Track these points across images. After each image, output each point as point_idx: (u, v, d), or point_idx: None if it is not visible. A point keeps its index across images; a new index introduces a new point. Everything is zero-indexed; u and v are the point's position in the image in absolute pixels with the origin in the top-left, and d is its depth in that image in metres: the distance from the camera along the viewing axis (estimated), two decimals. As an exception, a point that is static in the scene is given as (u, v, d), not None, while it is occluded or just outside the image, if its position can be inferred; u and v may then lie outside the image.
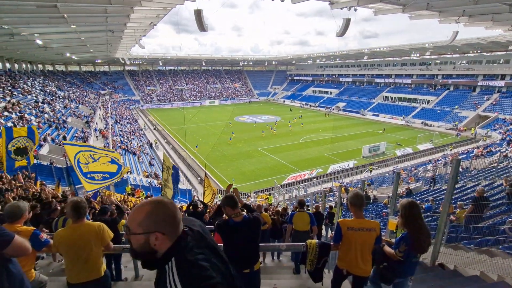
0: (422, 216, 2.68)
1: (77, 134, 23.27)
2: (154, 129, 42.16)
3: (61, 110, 28.03)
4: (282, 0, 17.17)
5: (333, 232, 5.64)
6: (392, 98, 56.39)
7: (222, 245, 2.70)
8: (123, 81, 70.63)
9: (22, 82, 30.25)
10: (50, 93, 32.73)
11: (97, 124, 30.71)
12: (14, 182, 8.14)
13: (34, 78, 36.31)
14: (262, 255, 5.68)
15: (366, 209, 12.07)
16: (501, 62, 44.32)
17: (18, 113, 20.10)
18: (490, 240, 4.70)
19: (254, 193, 20.00)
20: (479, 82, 45.43)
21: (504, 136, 30.09)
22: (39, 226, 4.21)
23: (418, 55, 54.87)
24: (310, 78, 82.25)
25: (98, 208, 6.42)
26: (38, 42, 23.64)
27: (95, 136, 26.09)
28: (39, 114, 22.77)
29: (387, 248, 2.79)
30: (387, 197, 12.50)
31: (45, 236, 2.51)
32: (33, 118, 20.94)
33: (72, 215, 2.45)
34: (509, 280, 3.35)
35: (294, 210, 5.52)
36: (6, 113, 19.10)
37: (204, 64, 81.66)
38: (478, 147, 26.51)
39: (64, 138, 20.48)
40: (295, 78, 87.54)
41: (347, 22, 17.70)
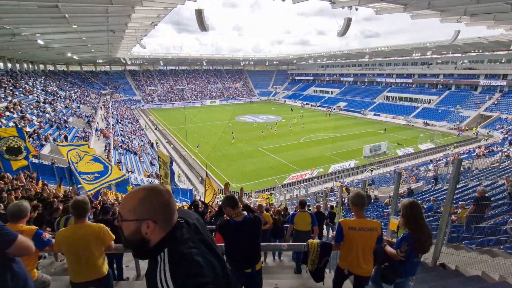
0: (423, 216, 2.69)
1: (78, 134, 23.31)
2: (155, 128, 42.24)
3: (62, 110, 28.10)
4: (283, -1, 17.15)
5: (334, 232, 5.64)
6: (393, 97, 56.29)
7: (224, 245, 2.71)
8: (124, 81, 70.74)
9: (23, 82, 30.31)
10: (51, 93, 32.79)
11: (98, 124, 30.76)
12: (15, 182, 8.15)
13: (36, 78, 36.40)
14: (263, 255, 5.69)
15: (367, 209, 12.06)
16: (503, 61, 44.17)
17: (19, 113, 20.15)
18: (491, 240, 4.70)
19: (255, 193, 20.01)
20: (481, 82, 45.27)
21: (506, 135, 29.98)
22: (42, 226, 4.22)
23: (419, 55, 54.69)
24: (311, 78, 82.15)
25: (98, 208, 6.45)
26: (40, 42, 23.70)
27: (96, 136, 26.13)
28: (41, 114, 22.82)
29: (389, 248, 2.80)
30: (388, 197, 12.50)
31: (47, 235, 2.52)
32: (34, 118, 20.99)
33: (73, 214, 2.52)
34: (510, 280, 3.34)
35: (295, 211, 5.53)
36: (7, 113, 19.16)
37: (205, 64, 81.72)
38: (479, 147, 26.43)
39: (65, 138, 20.53)
40: (296, 78, 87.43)
41: (348, 22, 17.68)
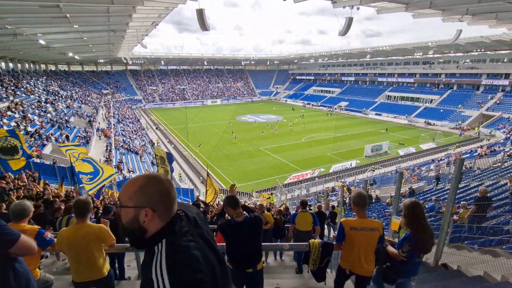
0: (425, 216, 2.68)
1: (79, 134, 23.36)
2: (156, 128, 42.29)
3: (63, 109, 28.16)
4: (284, -1, 17.11)
5: (335, 232, 5.63)
6: (395, 97, 56.14)
7: (225, 245, 2.71)
8: (125, 80, 70.85)
9: (25, 82, 30.40)
10: (52, 92, 32.86)
11: (99, 123, 30.83)
12: (17, 181, 8.17)
13: (37, 78, 36.50)
14: (264, 255, 5.69)
15: (369, 209, 12.04)
16: (505, 60, 43.98)
17: (21, 112, 20.22)
18: (493, 240, 4.68)
19: (256, 192, 20.01)
20: (483, 81, 45.11)
21: (508, 135, 29.88)
22: (45, 226, 4.24)
23: (421, 54, 54.49)
24: (312, 77, 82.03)
25: (100, 207, 6.46)
26: (41, 42, 23.77)
27: (98, 136, 26.20)
28: (42, 113, 22.88)
29: (390, 248, 2.79)
30: (390, 196, 12.48)
31: (49, 235, 2.53)
32: (36, 118, 21.06)
33: (75, 214, 2.56)
34: (513, 280, 3.33)
35: (296, 211, 5.53)
36: (9, 112, 19.23)
37: (206, 63, 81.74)
38: (481, 147, 26.33)
39: (67, 137, 20.58)
40: (297, 77, 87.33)
41: (350, 21, 17.63)
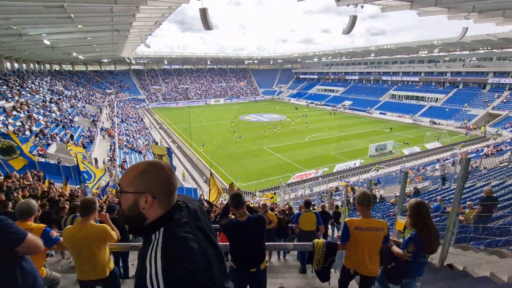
0: (430, 216, 2.66)
1: (84, 133, 23.56)
2: (160, 128, 42.47)
3: (68, 109, 28.42)
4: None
5: (339, 231, 5.61)
6: (399, 96, 55.68)
7: (229, 244, 2.71)
8: (129, 80, 71.26)
9: (30, 82, 30.73)
10: (57, 92, 33.19)
11: (103, 123, 31.07)
12: (22, 180, 8.26)
13: (42, 78, 36.87)
14: (268, 254, 5.68)
15: (373, 208, 11.97)
16: None
17: (26, 112, 20.44)
18: (500, 240, 4.61)
19: (260, 192, 20.01)
20: (489, 80, 44.54)
21: (514, 134, 29.51)
22: (51, 225, 4.26)
23: (426, 52, 53.79)
24: (316, 76, 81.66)
25: (104, 207, 6.49)
26: (46, 42, 23.96)
27: (102, 135, 26.39)
28: (47, 113, 23.12)
29: (395, 248, 2.77)
30: (394, 196, 12.40)
31: (55, 233, 2.55)
32: (41, 117, 21.27)
33: (79, 212, 2.61)
34: (520, 281, 3.28)
35: (299, 211, 5.50)
36: (15, 112, 19.46)
37: (209, 63, 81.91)
38: (488, 146, 26.02)
39: (71, 137, 20.76)
40: (301, 77, 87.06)
41: (354, 19, 17.53)
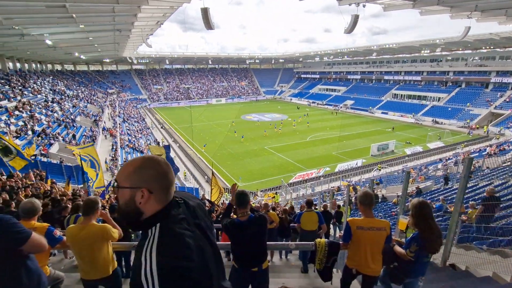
0: (433, 215, 2.65)
1: (85, 133, 23.65)
2: (161, 127, 42.55)
3: (70, 109, 28.53)
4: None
5: (341, 231, 5.60)
6: (401, 95, 55.46)
7: (230, 244, 2.71)
8: (131, 80, 71.42)
9: (32, 81, 30.86)
10: (59, 92, 33.32)
11: (105, 123, 31.15)
12: (25, 180, 8.30)
13: (44, 78, 37.01)
14: (270, 254, 5.69)
15: (375, 208, 11.95)
16: (514, 58, 43.14)
17: (28, 112, 20.53)
18: (503, 240, 4.59)
19: (261, 191, 20.01)
20: (492, 79, 44.25)
21: (517, 134, 29.34)
22: (54, 225, 4.28)
23: (428, 52, 53.54)
24: (318, 76, 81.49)
25: (106, 206, 6.52)
26: (48, 42, 24.06)
27: (104, 135, 26.47)
28: (49, 113, 23.21)
29: (398, 248, 2.76)
30: (396, 196, 12.37)
31: (58, 232, 2.57)
32: (43, 117, 21.37)
33: (82, 212, 2.63)
34: (523, 281, 3.26)
35: (301, 210, 5.50)
36: (17, 112, 19.54)
37: (210, 62, 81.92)
38: (490, 146, 25.88)
39: (73, 137, 20.85)
40: (302, 76, 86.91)
41: (356, 19, 17.48)
